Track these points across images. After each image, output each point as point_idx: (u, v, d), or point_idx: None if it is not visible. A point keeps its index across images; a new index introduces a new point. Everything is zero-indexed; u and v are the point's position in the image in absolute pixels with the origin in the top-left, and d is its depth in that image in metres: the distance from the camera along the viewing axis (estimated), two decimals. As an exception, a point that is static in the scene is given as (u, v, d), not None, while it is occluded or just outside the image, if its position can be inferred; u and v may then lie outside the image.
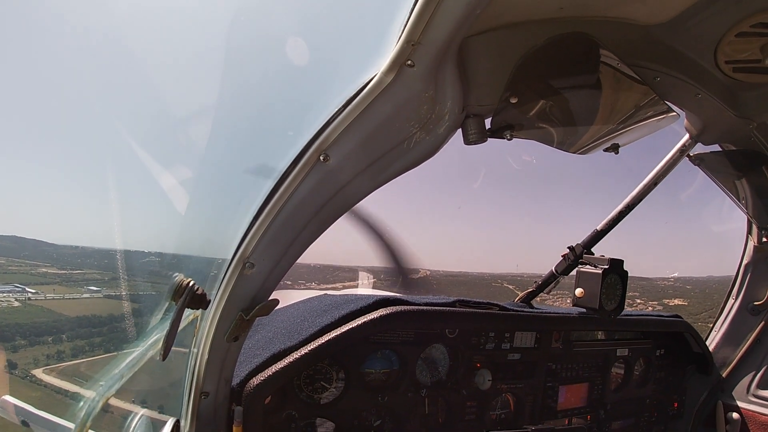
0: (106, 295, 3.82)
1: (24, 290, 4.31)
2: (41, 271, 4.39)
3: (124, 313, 1.66)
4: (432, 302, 2.20)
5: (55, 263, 4.53)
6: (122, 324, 1.65)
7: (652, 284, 12.01)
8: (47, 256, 4.34)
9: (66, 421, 1.72)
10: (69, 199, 9.55)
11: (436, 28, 1.07)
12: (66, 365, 3.62)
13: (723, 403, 3.13)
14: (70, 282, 4.31)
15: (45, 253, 4.27)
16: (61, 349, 4.16)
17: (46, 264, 4.50)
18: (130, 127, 1.50)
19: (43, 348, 4.12)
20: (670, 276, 11.35)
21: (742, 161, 2.44)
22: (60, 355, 4.04)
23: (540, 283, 2.79)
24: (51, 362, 3.91)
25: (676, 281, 12.44)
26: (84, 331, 4.04)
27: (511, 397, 2.54)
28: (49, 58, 1.56)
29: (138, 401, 1.76)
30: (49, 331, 4.33)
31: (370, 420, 2.13)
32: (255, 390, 1.75)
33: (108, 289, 3.77)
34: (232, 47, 1.40)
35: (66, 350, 4.18)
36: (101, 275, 3.83)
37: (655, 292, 12.15)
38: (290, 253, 1.47)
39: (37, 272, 4.36)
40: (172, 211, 1.67)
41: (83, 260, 4.04)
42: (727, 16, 1.45)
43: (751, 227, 2.98)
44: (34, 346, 4.08)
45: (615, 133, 1.79)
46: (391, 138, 1.33)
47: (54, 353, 4.06)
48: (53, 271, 4.47)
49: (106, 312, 3.78)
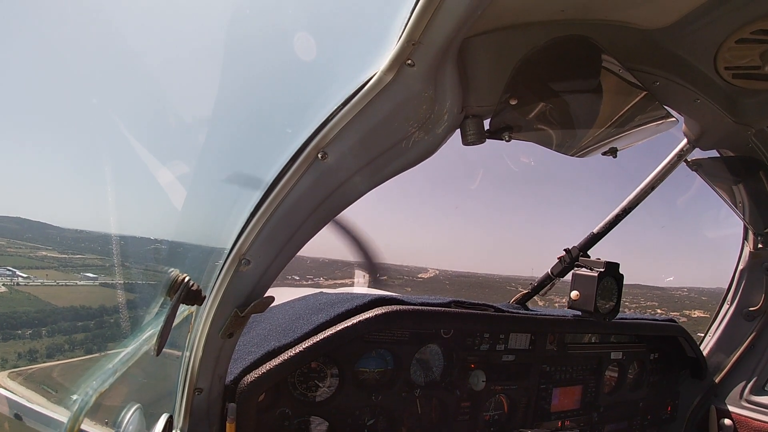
0: (102, 283, 3.63)
1: (14, 274, 4.05)
2: (40, 255, 4.20)
3: (117, 307, 1.65)
4: (427, 302, 2.20)
5: (58, 246, 4.36)
6: (115, 318, 1.65)
7: (667, 294, 12.04)
8: (50, 239, 4.19)
9: (59, 415, 1.71)
10: (71, 191, 9.45)
11: (436, 28, 1.07)
12: (39, 367, 3.07)
13: (716, 408, 3.14)
14: (67, 267, 4.11)
15: (48, 236, 4.12)
16: (35, 348, 3.52)
17: (47, 247, 4.34)
18: (129, 123, 1.50)
19: (18, 344, 3.53)
20: (683, 287, 11.39)
21: (739, 167, 2.44)
22: (33, 355, 3.42)
23: (535, 285, 2.79)
24: (21, 363, 3.28)
25: (690, 291, 12.46)
26: (67, 325, 3.59)
27: (504, 398, 2.54)
28: (58, 50, 1.56)
29: (131, 396, 1.75)
30: (29, 322, 3.76)
31: (363, 419, 2.13)
32: (249, 387, 1.74)
33: (104, 278, 3.59)
34: (233, 44, 1.39)
35: (41, 349, 3.50)
36: (102, 261, 3.66)
37: (672, 302, 12.17)
38: (286, 250, 1.47)
39: (36, 255, 4.17)
40: (169, 206, 1.66)
41: (87, 244, 3.88)
42: (728, 22, 1.46)
43: (747, 233, 2.98)
44: (6, 341, 3.56)
45: (613, 137, 1.79)
46: (390, 137, 1.33)
47: (26, 351, 3.46)
48: (53, 254, 4.29)
49: (98, 303, 3.50)
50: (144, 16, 1.37)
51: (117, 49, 1.43)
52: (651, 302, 11.93)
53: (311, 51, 1.26)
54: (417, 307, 2.10)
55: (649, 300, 11.28)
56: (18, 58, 1.39)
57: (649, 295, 10.96)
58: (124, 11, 1.36)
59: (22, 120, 7.26)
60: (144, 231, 1.76)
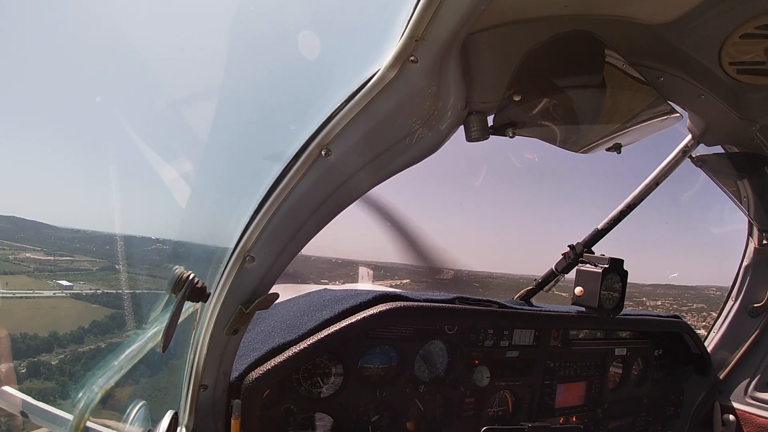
0: (73, 294, 3.38)
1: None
2: (22, 257, 3.94)
3: (122, 304, 1.66)
4: (431, 299, 2.20)
5: (47, 247, 4.12)
6: (119, 316, 1.64)
7: (701, 293, 11.79)
8: (43, 239, 3.99)
9: (65, 412, 1.72)
10: (74, 190, 9.26)
11: (439, 24, 1.07)
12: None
13: (720, 404, 3.14)
14: (44, 272, 3.83)
15: (42, 237, 3.92)
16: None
17: (35, 248, 4.11)
18: (135, 120, 1.50)
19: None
20: (711, 285, 11.22)
21: (744, 163, 2.43)
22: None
23: (540, 281, 2.79)
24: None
25: (717, 290, 12.26)
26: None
27: (509, 394, 2.55)
28: (62, 51, 1.56)
29: (137, 393, 1.76)
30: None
31: (368, 415, 2.13)
32: (254, 383, 1.75)
33: (87, 284, 3.37)
34: (236, 41, 1.39)
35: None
36: (92, 264, 3.48)
37: (711, 302, 11.96)
38: (291, 247, 1.47)
39: (16, 258, 3.89)
40: (173, 203, 1.67)
41: (82, 245, 3.67)
42: (732, 18, 1.45)
43: (752, 229, 2.97)
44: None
45: (618, 133, 1.79)
46: (393, 134, 1.33)
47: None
48: (38, 256, 4.04)
49: (55, 319, 3.11)
50: (150, 7, 1.37)
51: (122, 48, 1.44)
52: (698, 304, 11.54)
53: (314, 48, 1.26)
54: (421, 304, 2.10)
55: (693, 301, 10.97)
56: (20, 57, 1.38)
57: (687, 296, 10.72)
58: (131, 11, 1.36)
59: (26, 119, 7.22)
60: (149, 228, 1.77)
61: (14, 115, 14.27)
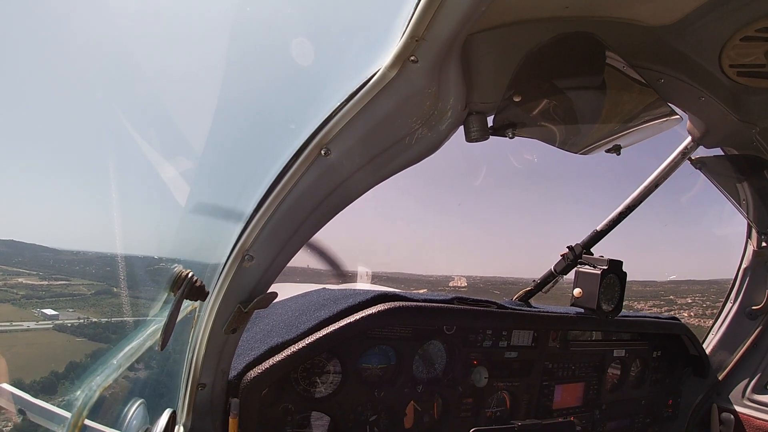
0: (57, 326, 3.30)
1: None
2: (13, 282, 3.80)
3: (121, 303, 1.65)
4: (430, 299, 2.20)
5: (44, 271, 3.98)
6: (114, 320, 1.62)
7: (724, 288, 11.72)
8: (41, 263, 3.86)
9: (62, 410, 1.72)
10: (70, 190, 9.15)
11: (440, 24, 1.07)
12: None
13: (718, 406, 3.14)
14: (31, 300, 3.70)
15: (40, 260, 3.80)
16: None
17: (31, 272, 3.97)
18: (132, 118, 1.50)
19: None
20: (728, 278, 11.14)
21: (743, 165, 2.44)
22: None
23: (538, 282, 2.79)
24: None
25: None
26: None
27: (507, 395, 2.55)
28: (45, 58, 1.55)
29: (135, 391, 1.75)
30: None
31: (366, 414, 2.13)
32: (252, 382, 1.75)
33: (74, 312, 3.28)
34: (235, 40, 1.39)
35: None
36: (87, 288, 3.40)
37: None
38: (289, 246, 1.47)
39: (6, 284, 3.77)
40: (172, 202, 1.66)
41: (81, 267, 3.57)
42: (733, 20, 1.45)
43: (751, 231, 2.98)
44: None
45: (617, 135, 1.79)
46: (393, 133, 1.33)
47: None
48: (31, 281, 3.90)
49: (31, 356, 2.89)
50: (146, 8, 1.37)
51: (114, 49, 1.43)
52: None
53: (315, 47, 1.25)
54: (419, 304, 2.10)
55: (719, 295, 10.82)
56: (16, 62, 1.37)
57: (713, 290, 10.60)
58: (128, 12, 1.36)
59: (19, 125, 7.12)
60: (148, 227, 1.76)
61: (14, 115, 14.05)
